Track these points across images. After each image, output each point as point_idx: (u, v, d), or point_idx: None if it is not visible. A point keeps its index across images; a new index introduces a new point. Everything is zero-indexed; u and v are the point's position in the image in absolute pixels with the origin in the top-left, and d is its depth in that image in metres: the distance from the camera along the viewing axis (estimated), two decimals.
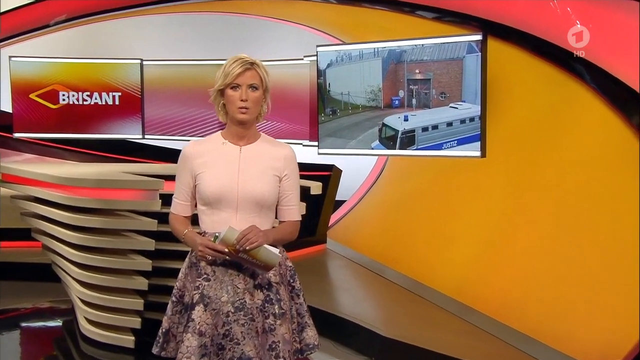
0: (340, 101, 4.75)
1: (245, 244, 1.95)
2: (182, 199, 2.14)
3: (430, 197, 4.89)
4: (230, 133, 2.11)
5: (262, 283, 2.07)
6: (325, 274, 5.27)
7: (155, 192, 3.68)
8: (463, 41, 4.00)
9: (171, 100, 6.03)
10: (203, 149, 2.10)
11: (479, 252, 4.21)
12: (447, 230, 4.59)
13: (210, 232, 2.07)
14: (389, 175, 5.77)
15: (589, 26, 3.23)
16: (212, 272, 2.06)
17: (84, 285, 3.82)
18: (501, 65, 3.96)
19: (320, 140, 4.91)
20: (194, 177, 2.09)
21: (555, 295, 3.53)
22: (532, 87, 3.84)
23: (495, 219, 4.12)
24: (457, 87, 4.09)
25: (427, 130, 4.28)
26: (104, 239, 3.71)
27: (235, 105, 2.05)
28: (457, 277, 4.33)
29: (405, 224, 5.13)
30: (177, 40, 6.98)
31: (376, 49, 4.50)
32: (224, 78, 2.06)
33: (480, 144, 3.99)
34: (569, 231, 3.51)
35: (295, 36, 6.22)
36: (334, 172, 5.85)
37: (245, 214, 2.06)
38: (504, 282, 3.93)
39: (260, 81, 2.06)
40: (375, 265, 5.15)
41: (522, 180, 3.93)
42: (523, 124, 3.92)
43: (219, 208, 2.06)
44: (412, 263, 4.82)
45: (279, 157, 2.11)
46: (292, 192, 2.15)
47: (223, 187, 2.05)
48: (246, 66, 2.04)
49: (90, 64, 5.99)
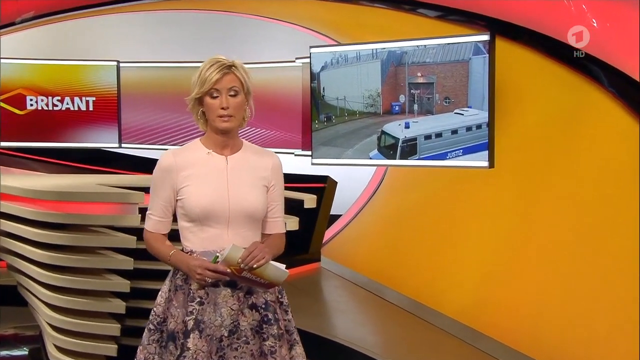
0: (335, 107, 4.76)
1: (251, 262, 1.94)
2: (160, 215, 2.11)
3: (433, 211, 4.88)
4: (213, 142, 2.10)
5: (258, 303, 2.07)
6: (320, 295, 5.25)
7: (133, 205, 3.65)
8: (469, 42, 4.01)
9: (151, 105, 6.02)
10: (186, 160, 2.08)
11: (488, 271, 4.20)
12: (452, 248, 4.58)
13: (199, 252, 2.05)
14: (388, 188, 5.76)
15: (606, 25, 3.24)
16: (205, 294, 2.04)
17: (53, 308, 3.76)
18: (510, 67, 3.97)
19: (313, 149, 4.90)
20: (176, 191, 2.07)
21: (573, 319, 3.51)
22: (544, 91, 3.84)
23: (505, 235, 4.11)
24: (462, 91, 4.10)
25: (430, 139, 4.29)
26: (76, 257, 3.66)
27: (215, 114, 2.04)
28: (464, 298, 4.31)
29: (406, 241, 5.12)
30: (158, 41, 6.97)
31: (374, 50, 4.51)
32: (200, 85, 2.04)
33: (488, 153, 3.99)
34: (587, 247, 3.49)
35: (286, 36, 6.23)
36: (328, 184, 5.85)
37: (237, 228, 2.05)
38: (516, 304, 3.91)
39: (240, 84, 2.05)
40: (374, 286, 5.13)
41: (534, 193, 3.92)
42: (534, 131, 3.92)
43: (208, 224, 2.05)
44: (414, 283, 4.81)
45: (266, 167, 2.13)
46: (278, 203, 2.17)
47: (213, 202, 2.03)
48: (224, 71, 2.03)
49: (61, 65, 5.96)
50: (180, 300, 2.07)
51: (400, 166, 4.65)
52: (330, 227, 6.16)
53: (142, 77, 6.01)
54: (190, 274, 2.01)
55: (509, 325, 3.90)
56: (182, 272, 2.06)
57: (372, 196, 5.93)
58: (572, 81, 3.55)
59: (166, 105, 5.97)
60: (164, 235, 2.14)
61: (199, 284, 2.01)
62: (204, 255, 2.02)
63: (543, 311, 3.72)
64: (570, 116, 3.67)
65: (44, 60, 5.96)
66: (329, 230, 6.13)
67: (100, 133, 6.05)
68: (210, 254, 2.00)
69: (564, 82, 3.61)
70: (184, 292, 2.07)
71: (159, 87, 5.98)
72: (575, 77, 3.52)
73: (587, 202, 3.54)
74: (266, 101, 5.54)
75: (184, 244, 2.10)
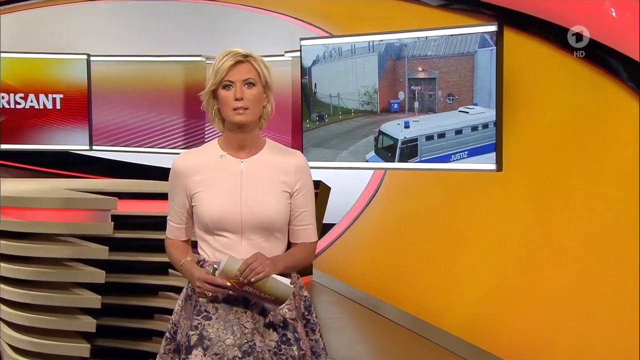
0: (328, 105, 4.75)
1: (249, 275, 1.94)
2: (177, 221, 2.16)
3: (436, 219, 4.88)
4: (229, 142, 2.11)
5: (276, 321, 2.07)
6: None
7: (106, 212, 3.65)
8: (475, 33, 4.01)
9: (126, 104, 5.99)
10: (197, 164, 2.10)
11: (496, 285, 4.19)
12: (456, 259, 4.57)
13: (210, 262, 2.07)
14: (386, 194, 5.76)
15: (625, 15, 3.24)
16: (213, 309, 2.05)
17: (15, 328, 3.74)
18: (520, 61, 3.97)
19: (304, 151, 4.86)
20: (189, 197, 2.10)
21: (588, 338, 3.50)
22: (557, 87, 3.84)
23: (515, 245, 4.10)
24: (467, 87, 4.10)
25: (432, 139, 4.29)
26: (41, 270, 3.66)
27: (229, 107, 2.04)
28: (470, 315, 4.31)
29: (406, 252, 5.11)
30: (133, 32, 6.95)
31: (371, 42, 4.50)
32: (214, 76, 2.05)
33: (496, 155, 3.98)
34: (608, 261, 3.49)
35: (274, 28, 6.23)
36: (321, 189, 5.83)
37: (252, 238, 2.07)
38: (527, 321, 3.90)
39: (257, 75, 2.06)
40: (371, 301, 5.13)
41: (547, 199, 3.92)
42: (547, 130, 3.93)
43: (221, 234, 2.07)
44: (415, 298, 4.80)
45: (288, 169, 2.11)
46: (306, 209, 2.15)
47: (224, 210, 2.05)
48: (238, 58, 2.04)
49: (25, 59, 5.93)
50: (188, 311, 2.10)
51: (400, 169, 4.64)
52: (322, 237, 6.15)
53: (115, 72, 5.98)
54: (193, 286, 2.05)
55: (517, 344, 3.89)
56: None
57: (368, 203, 5.93)
58: (589, 76, 3.55)
59: (143, 104, 5.94)
60: (184, 242, 2.19)
61: (202, 297, 2.04)
62: (210, 267, 2.04)
63: (557, 330, 3.71)
64: (586, 114, 3.68)
65: (5, 53, 5.92)
66: (321, 241, 6.12)
67: (68, 134, 6.01)
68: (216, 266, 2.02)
69: (579, 77, 3.62)
70: (191, 304, 2.10)
71: (134, 84, 5.95)
72: (592, 71, 3.53)
73: (607, 209, 3.53)
74: None
75: (200, 252, 2.13)
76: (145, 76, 5.90)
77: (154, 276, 3.99)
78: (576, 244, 3.69)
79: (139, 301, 3.90)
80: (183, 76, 5.65)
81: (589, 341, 3.50)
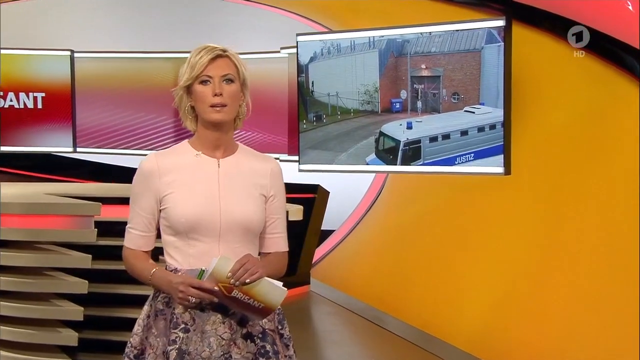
0: (326, 104, 4.75)
1: (243, 276, 1.92)
2: (141, 229, 2.10)
3: (440, 226, 4.87)
4: (203, 142, 2.09)
5: (254, 332, 2.05)
6: (309, 323, 5.25)
7: (89, 218, 3.63)
8: (481, 28, 4.02)
9: (112, 103, 6.00)
10: (170, 163, 2.07)
11: (504, 296, 4.18)
12: (462, 268, 4.56)
13: (184, 270, 2.03)
14: (388, 198, 5.76)
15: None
16: (190, 319, 2.02)
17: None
18: (530, 58, 3.97)
19: (301, 154, 4.89)
20: (159, 200, 2.06)
21: (603, 352, 3.48)
22: (569, 85, 3.84)
23: (524, 253, 4.09)
24: (473, 86, 4.11)
25: (436, 141, 4.30)
26: (20, 280, 3.62)
27: (206, 103, 2.03)
28: (475, 327, 4.30)
29: (409, 260, 5.10)
30: (120, 27, 6.95)
31: (372, 38, 4.51)
32: (190, 71, 2.03)
33: (504, 157, 3.99)
34: (622, 270, 3.47)
35: (269, 22, 6.24)
36: (319, 194, 5.84)
37: (231, 244, 2.04)
38: (536, 334, 3.89)
39: (236, 72, 2.06)
40: (372, 313, 5.13)
41: (558, 204, 3.92)
42: (558, 131, 3.92)
43: (196, 238, 2.03)
44: (418, 309, 4.80)
45: (264, 173, 2.12)
46: (279, 216, 2.16)
47: (201, 212, 2.02)
48: (217, 53, 2.03)
49: (5, 55, 5.92)
50: (160, 327, 2.05)
51: (402, 173, 4.64)
52: (321, 244, 6.15)
53: (101, 69, 5.99)
54: (172, 294, 2.00)
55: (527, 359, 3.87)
56: (164, 294, 2.05)
57: (369, 208, 5.92)
58: (602, 73, 3.55)
59: (129, 103, 5.94)
60: (146, 253, 2.13)
61: (182, 306, 2.00)
62: (190, 274, 1.99)
63: (569, 343, 3.70)
64: (600, 114, 3.67)
65: None
66: (319, 249, 6.12)
67: (51, 135, 6.01)
68: (197, 272, 1.98)
69: (594, 75, 3.61)
70: (165, 318, 2.05)
71: (121, 82, 5.97)
72: (605, 68, 3.52)
73: (622, 214, 3.53)
74: None
75: (168, 261, 2.08)
76: (133, 73, 5.91)
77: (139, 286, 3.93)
78: (589, 251, 3.68)
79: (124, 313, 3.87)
80: (173, 73, 5.63)
81: (604, 351, 3.49)
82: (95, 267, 3.56)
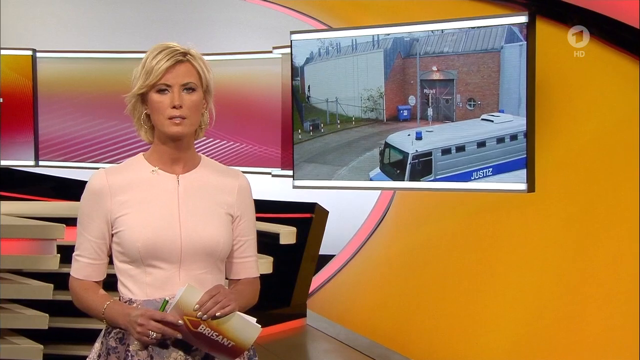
0: (324, 112, 4.77)
1: (212, 309, 1.91)
2: (90, 256, 2.10)
3: (454, 251, 4.87)
4: (160, 156, 2.09)
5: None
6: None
7: (51, 242, 3.63)
8: (501, 25, 4.03)
9: (79, 110, 6.01)
10: (123, 181, 2.08)
11: (528, 332, 4.17)
12: (480, 300, 4.57)
13: (140, 301, 2.03)
14: (395, 219, 5.76)
15: None
16: (147, 358, 2.02)
17: None
18: (556, 59, 3.98)
19: (295, 168, 4.89)
20: (110, 222, 2.06)
21: None
22: (601, 91, 3.86)
23: (551, 281, 4.10)
24: (492, 91, 4.12)
25: (450, 153, 4.30)
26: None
27: (164, 115, 2.02)
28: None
29: (419, 290, 5.10)
30: (88, 24, 6.98)
31: (376, 36, 4.53)
32: (145, 77, 2.02)
33: (527, 172, 3.99)
34: None
35: (260, 18, 6.26)
36: (316, 214, 5.82)
37: (193, 270, 2.04)
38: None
39: (198, 78, 2.05)
40: (377, 350, 5.10)
41: (589, 226, 3.92)
42: (589, 143, 3.94)
43: (153, 265, 2.03)
44: (429, 347, 4.79)
45: (230, 189, 2.13)
46: (248, 238, 2.16)
47: (159, 235, 2.02)
48: (177, 58, 2.02)
49: None
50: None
51: (411, 190, 4.64)
52: (319, 271, 6.14)
53: (67, 71, 6.00)
54: (129, 328, 1.98)
55: None
56: (118, 329, 2.05)
57: (374, 231, 5.92)
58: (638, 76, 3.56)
59: (99, 110, 5.95)
60: (97, 283, 2.12)
61: (141, 342, 1.98)
62: (147, 306, 1.99)
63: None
64: (636, 123, 3.67)
65: None
66: (318, 276, 6.11)
67: (9, 147, 6.02)
68: (156, 304, 1.98)
69: (630, 79, 3.62)
70: (118, 357, 2.05)
71: (90, 85, 5.98)
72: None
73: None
74: (234, 105, 5.54)
75: (122, 292, 2.08)
76: (104, 76, 5.91)
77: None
78: (624, 278, 3.68)
79: (89, 351, 3.88)
80: None
81: None
82: (57, 299, 3.55)
